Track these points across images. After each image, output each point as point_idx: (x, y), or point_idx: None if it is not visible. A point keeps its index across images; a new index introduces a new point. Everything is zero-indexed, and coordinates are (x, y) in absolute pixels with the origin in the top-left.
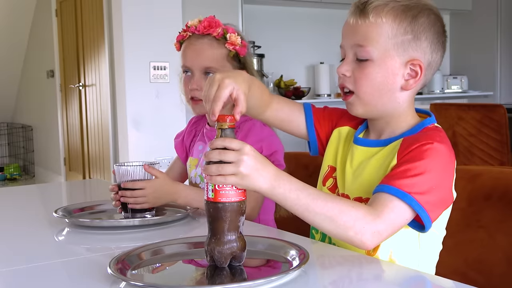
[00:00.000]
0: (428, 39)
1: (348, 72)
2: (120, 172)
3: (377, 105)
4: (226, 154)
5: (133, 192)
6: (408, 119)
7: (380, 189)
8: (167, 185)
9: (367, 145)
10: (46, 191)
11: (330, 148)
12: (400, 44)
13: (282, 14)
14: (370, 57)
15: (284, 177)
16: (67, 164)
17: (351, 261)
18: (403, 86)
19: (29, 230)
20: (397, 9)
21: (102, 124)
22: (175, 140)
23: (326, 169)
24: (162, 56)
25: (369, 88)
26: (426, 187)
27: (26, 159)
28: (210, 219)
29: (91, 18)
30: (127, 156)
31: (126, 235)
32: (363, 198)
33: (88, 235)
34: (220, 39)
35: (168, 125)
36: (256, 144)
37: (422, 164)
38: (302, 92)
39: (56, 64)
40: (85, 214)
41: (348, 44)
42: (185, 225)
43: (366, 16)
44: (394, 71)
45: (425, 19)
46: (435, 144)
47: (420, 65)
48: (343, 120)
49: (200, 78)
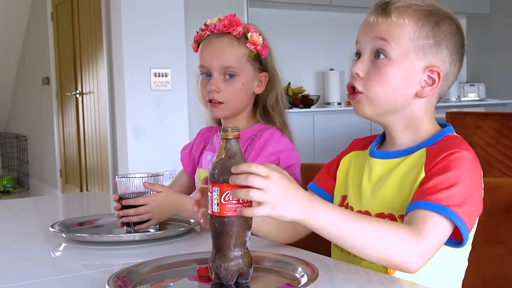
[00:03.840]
0: (449, 48)
1: (362, 73)
2: (122, 184)
3: (388, 109)
4: (254, 178)
5: (136, 209)
6: (427, 128)
7: (415, 206)
8: (170, 198)
9: (386, 157)
10: (41, 204)
11: (339, 179)
12: (421, 47)
13: (290, 17)
14: (389, 55)
15: (317, 201)
16: (64, 176)
17: (367, 280)
18: (418, 93)
19: (24, 246)
20: (420, 12)
21: (100, 134)
22: (182, 152)
23: (338, 200)
24: (164, 62)
25: (382, 89)
26: (462, 198)
27: (20, 171)
28: (215, 234)
29: (88, 22)
30: (127, 168)
31: (127, 250)
32: (386, 214)
33: (87, 250)
34: (241, 38)
35: (170, 135)
36: (273, 155)
37: (454, 174)
38: (311, 100)
39: (52, 70)
40: (83, 229)
41: (366, 39)
42: (189, 240)
43: (388, 15)
44: (412, 75)
45: (447, 27)
46: (462, 152)
47: (439, 73)
48: (345, 153)
49: (219, 79)
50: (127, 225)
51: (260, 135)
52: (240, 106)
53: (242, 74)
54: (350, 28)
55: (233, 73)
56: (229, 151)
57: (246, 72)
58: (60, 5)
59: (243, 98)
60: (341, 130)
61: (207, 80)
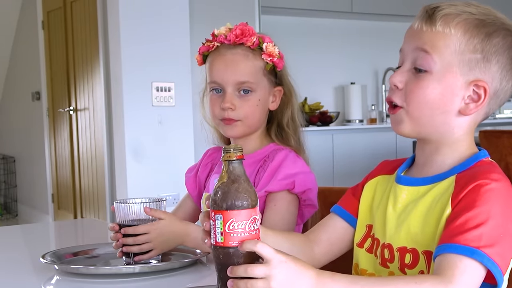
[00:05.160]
0: (500, 63)
1: (401, 84)
2: (121, 211)
3: (426, 126)
4: (253, 269)
5: (135, 239)
6: (462, 150)
7: (443, 250)
8: (174, 226)
9: (414, 184)
10: (31, 232)
11: (363, 205)
12: (467, 62)
13: (306, 26)
14: (429, 68)
15: (326, 280)
16: (56, 202)
17: None
18: (462, 110)
19: (12, 279)
20: (470, 22)
21: (96, 155)
22: (187, 175)
23: (363, 230)
24: (167, 75)
25: (421, 104)
26: (493, 237)
27: (8, 196)
28: (220, 267)
29: (83, 31)
30: (126, 193)
31: (126, 284)
32: (408, 248)
33: (81, 284)
34: (255, 50)
35: (174, 156)
36: (287, 179)
37: (483, 210)
38: (330, 118)
39: (43, 84)
40: (78, 260)
41: (409, 48)
42: (194, 272)
43: (433, 23)
44: (454, 91)
45: (500, 40)
46: (493, 184)
47: (485, 88)
48: (370, 176)
49: (233, 95)
50: (126, 255)
51: (273, 156)
52: (257, 124)
53: (259, 89)
54: (372, 38)
55: (249, 89)
56: (232, 173)
57: (263, 87)
58: (52, 12)
59: (260, 116)
60: (363, 150)
61: (219, 96)
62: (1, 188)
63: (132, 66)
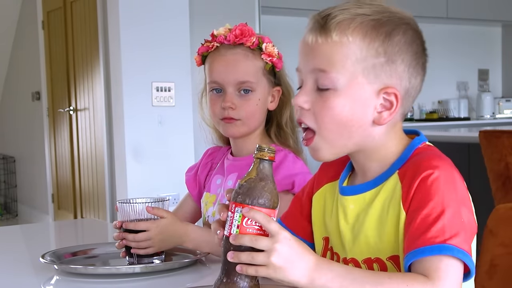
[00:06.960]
0: (405, 62)
1: (307, 104)
2: (124, 210)
3: (347, 145)
4: (258, 241)
5: (135, 235)
6: (394, 148)
7: (413, 258)
8: (175, 226)
9: (358, 192)
10: (31, 232)
11: (316, 219)
12: (371, 68)
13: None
14: (333, 86)
15: (324, 265)
16: (56, 202)
17: None
18: (376, 120)
19: (11, 279)
20: (366, 25)
21: (96, 155)
22: (187, 174)
23: (321, 244)
24: (167, 75)
25: (333, 125)
26: (455, 225)
27: (8, 196)
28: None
29: (83, 31)
30: (126, 193)
31: (125, 284)
32: (373, 259)
33: (81, 284)
34: (255, 50)
35: (174, 156)
36: (287, 179)
37: (436, 202)
38: None
39: (43, 84)
40: (77, 260)
41: (306, 69)
42: (194, 272)
43: (328, 34)
44: (365, 102)
45: (401, 37)
46: (436, 172)
47: (396, 94)
48: (316, 185)
49: (233, 95)
50: (129, 255)
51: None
52: (257, 124)
53: (259, 89)
54: None
55: (249, 88)
56: (261, 172)
57: (262, 87)
58: (52, 12)
59: (260, 115)
60: None
61: (219, 96)
62: (1, 188)
63: (132, 66)
